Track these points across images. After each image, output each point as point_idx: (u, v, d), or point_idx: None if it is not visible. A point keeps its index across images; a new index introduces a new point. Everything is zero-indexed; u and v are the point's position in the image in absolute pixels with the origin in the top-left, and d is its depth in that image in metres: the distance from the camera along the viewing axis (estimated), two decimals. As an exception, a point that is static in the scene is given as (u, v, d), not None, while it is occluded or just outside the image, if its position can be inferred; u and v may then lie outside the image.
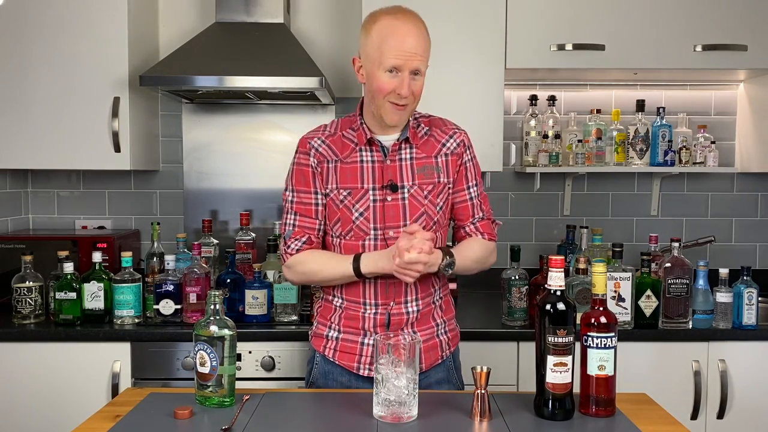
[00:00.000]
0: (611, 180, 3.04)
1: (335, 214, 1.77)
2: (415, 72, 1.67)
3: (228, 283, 2.44)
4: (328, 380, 1.82)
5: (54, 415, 2.32)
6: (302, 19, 2.97)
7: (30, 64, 2.58)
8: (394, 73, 1.66)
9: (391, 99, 1.68)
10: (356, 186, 1.75)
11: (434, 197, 1.78)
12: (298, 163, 1.80)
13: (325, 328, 1.84)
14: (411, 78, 1.67)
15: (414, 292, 1.79)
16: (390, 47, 1.64)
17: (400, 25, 1.66)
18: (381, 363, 1.47)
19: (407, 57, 1.64)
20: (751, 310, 2.38)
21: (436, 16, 2.60)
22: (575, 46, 2.60)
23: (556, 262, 1.49)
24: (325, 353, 1.82)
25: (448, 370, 1.87)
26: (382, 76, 1.66)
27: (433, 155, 1.79)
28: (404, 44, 1.64)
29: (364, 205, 1.75)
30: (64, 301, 2.37)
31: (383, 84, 1.66)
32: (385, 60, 1.65)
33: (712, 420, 2.40)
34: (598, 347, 1.51)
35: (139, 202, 3.01)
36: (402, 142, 1.77)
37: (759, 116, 2.87)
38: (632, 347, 2.37)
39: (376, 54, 1.66)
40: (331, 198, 1.77)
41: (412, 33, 1.66)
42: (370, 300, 1.78)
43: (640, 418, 1.52)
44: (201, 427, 1.46)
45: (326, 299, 1.86)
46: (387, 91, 1.67)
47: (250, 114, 2.98)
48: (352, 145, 1.78)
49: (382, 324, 1.78)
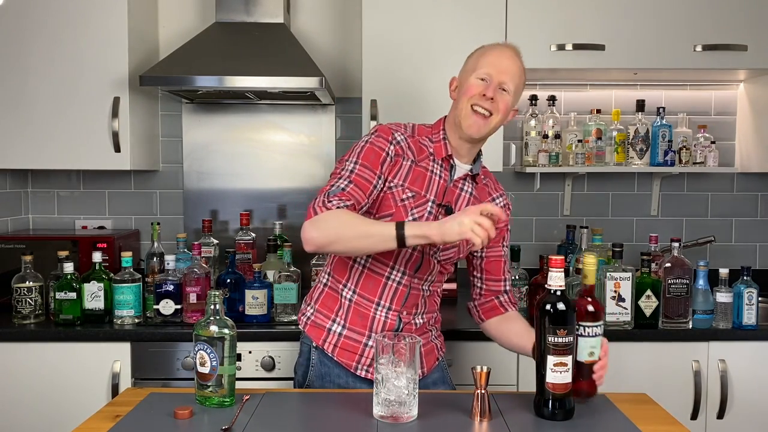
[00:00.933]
0: (611, 180, 3.04)
1: (389, 209, 1.73)
2: (502, 87, 1.73)
3: (228, 283, 2.44)
4: (325, 382, 1.81)
5: (54, 415, 2.32)
6: (302, 19, 2.97)
7: (30, 64, 2.58)
8: (484, 81, 1.73)
9: (474, 102, 1.72)
10: (421, 192, 1.75)
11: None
12: (373, 143, 1.73)
13: (327, 320, 1.81)
14: (498, 90, 1.72)
15: (424, 306, 1.83)
16: (486, 59, 1.75)
17: (501, 48, 1.78)
18: (381, 363, 1.47)
19: (500, 70, 1.73)
20: (751, 310, 2.38)
21: (437, 16, 2.60)
22: (575, 46, 2.60)
23: (556, 262, 1.49)
24: (324, 347, 1.80)
25: (442, 371, 1.90)
26: (473, 81, 1.73)
27: (484, 202, 1.83)
28: (500, 60, 1.74)
29: (421, 212, 1.74)
30: (64, 301, 2.37)
31: (472, 86, 1.73)
32: (479, 68, 1.74)
33: (712, 420, 2.40)
34: (589, 336, 1.53)
35: (139, 202, 3.01)
36: (469, 175, 1.81)
37: (759, 116, 2.87)
38: (632, 347, 2.37)
39: (473, 65, 1.76)
40: (392, 192, 1.73)
41: (509, 56, 1.76)
42: (385, 302, 1.77)
43: (640, 418, 1.52)
44: (201, 427, 1.46)
45: (332, 287, 1.82)
46: (473, 93, 1.72)
47: (250, 114, 2.98)
48: (427, 152, 1.78)
49: (390, 328, 1.78)
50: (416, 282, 1.79)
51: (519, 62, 1.78)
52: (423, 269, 1.78)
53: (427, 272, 1.80)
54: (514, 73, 1.74)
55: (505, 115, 1.76)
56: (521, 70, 1.78)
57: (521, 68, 1.78)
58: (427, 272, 1.80)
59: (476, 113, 1.72)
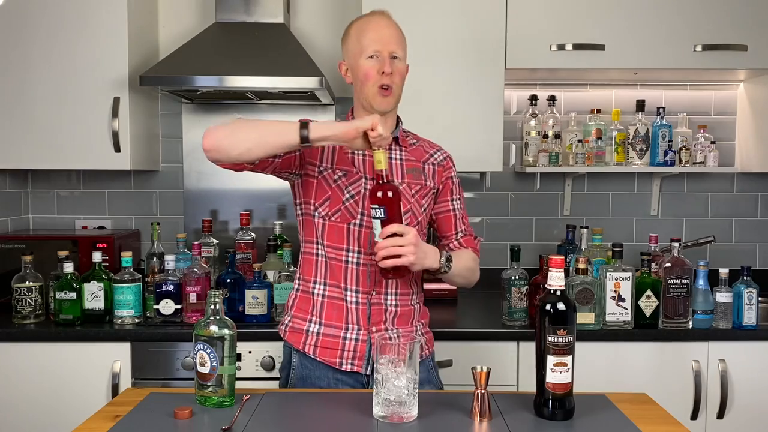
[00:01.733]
0: (611, 180, 3.04)
1: (325, 192, 1.78)
2: (394, 56, 1.77)
3: (228, 283, 2.44)
4: (306, 385, 1.81)
5: (54, 415, 2.32)
6: (302, 19, 2.98)
7: (30, 64, 2.58)
8: (374, 58, 1.76)
9: (379, 82, 1.76)
10: (351, 170, 1.80)
11: (420, 198, 1.84)
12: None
13: (304, 322, 1.82)
14: (391, 61, 1.76)
15: (394, 285, 1.81)
16: (368, 37, 1.77)
17: (374, 20, 1.81)
18: (381, 363, 1.47)
19: (384, 42, 1.76)
20: (751, 310, 2.38)
21: (436, 16, 2.60)
22: (575, 46, 2.60)
23: (556, 262, 1.49)
24: (304, 350, 1.80)
25: (428, 371, 1.89)
26: (365, 63, 1.77)
27: (421, 161, 1.87)
28: (380, 32, 1.77)
29: (357, 189, 1.78)
30: (64, 301, 2.37)
31: (367, 69, 1.76)
32: (364, 48, 1.77)
33: (712, 420, 2.40)
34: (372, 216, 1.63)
35: (139, 202, 3.01)
36: (392, 142, 1.83)
37: (759, 116, 2.87)
38: (632, 347, 2.37)
39: (357, 47, 1.79)
40: (324, 176, 1.79)
41: (385, 24, 1.80)
42: (352, 285, 1.78)
43: (640, 418, 1.52)
44: (201, 427, 1.46)
45: (303, 290, 1.84)
46: (372, 75, 1.76)
47: (250, 114, 2.98)
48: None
49: (364, 315, 1.78)
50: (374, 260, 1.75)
51: (396, 25, 1.82)
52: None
53: None
54: (398, 38, 1.79)
55: (403, 79, 1.81)
56: (400, 30, 1.82)
57: (399, 28, 1.82)
58: None
59: (382, 91, 1.77)
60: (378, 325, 1.79)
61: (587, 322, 2.34)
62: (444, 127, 2.54)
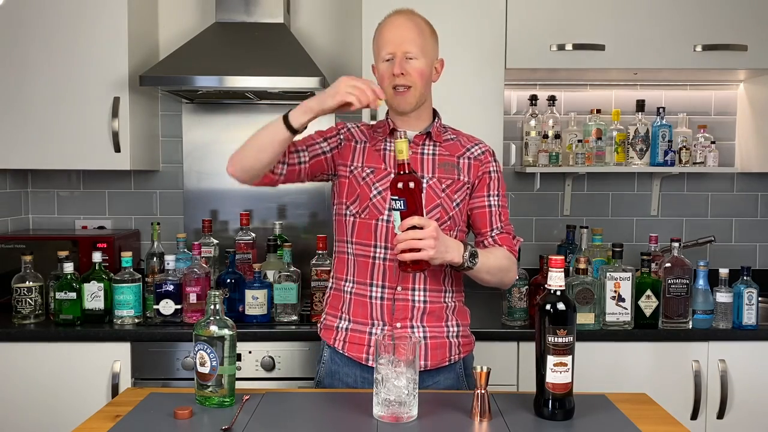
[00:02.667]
0: (611, 180, 3.04)
1: (355, 191, 1.80)
2: (408, 56, 1.75)
3: (228, 283, 2.44)
4: (334, 380, 1.83)
5: (54, 415, 2.32)
6: (302, 19, 2.97)
7: (30, 64, 2.58)
8: (390, 61, 1.77)
9: (391, 83, 1.76)
10: (380, 167, 1.80)
11: (452, 192, 1.80)
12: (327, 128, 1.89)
13: (335, 319, 1.84)
14: (404, 60, 1.75)
15: (422, 281, 1.78)
16: (383, 39, 1.79)
17: (392, 20, 1.80)
18: (381, 363, 1.47)
19: (396, 43, 1.75)
20: (751, 310, 2.38)
21: (436, 16, 2.59)
22: (575, 46, 2.60)
23: (556, 262, 1.49)
24: (335, 345, 1.82)
25: (458, 378, 1.84)
26: (381, 66, 1.79)
27: (456, 155, 1.84)
28: (393, 33, 1.77)
29: (384, 185, 1.78)
30: (64, 301, 2.37)
31: (382, 72, 1.79)
32: (381, 51, 1.79)
33: (712, 420, 2.40)
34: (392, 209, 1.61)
35: (139, 202, 3.01)
36: (425, 137, 1.83)
37: (759, 116, 2.87)
38: (632, 347, 2.37)
39: (376, 50, 1.82)
40: (354, 175, 1.81)
41: (401, 23, 1.78)
42: (377, 281, 1.77)
43: (640, 418, 1.52)
44: (201, 427, 1.46)
45: (336, 288, 1.85)
46: (386, 77, 1.77)
47: (250, 114, 2.98)
48: (378, 136, 1.86)
49: (388, 310, 1.77)
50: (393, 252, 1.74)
51: (415, 22, 1.78)
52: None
53: None
54: (412, 37, 1.76)
55: (423, 77, 1.77)
56: (419, 27, 1.78)
57: (419, 25, 1.78)
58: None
59: (397, 92, 1.77)
60: (403, 321, 1.77)
61: (587, 322, 2.34)
62: (444, 127, 2.54)
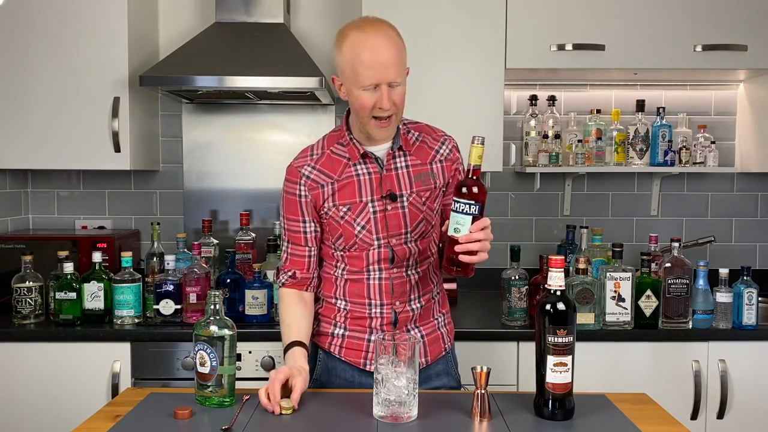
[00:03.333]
0: (611, 180, 3.04)
1: (336, 231, 1.75)
2: (393, 84, 1.63)
3: (228, 283, 2.44)
4: (332, 376, 1.83)
5: (54, 415, 2.32)
6: (302, 19, 2.97)
7: (30, 64, 2.58)
8: (372, 89, 1.62)
9: (375, 114, 1.65)
10: (355, 200, 1.74)
11: (431, 203, 1.79)
12: (286, 192, 1.79)
13: (329, 326, 1.83)
14: (390, 90, 1.62)
15: (417, 290, 1.80)
16: (363, 63, 1.60)
17: (368, 39, 1.61)
18: (381, 363, 1.47)
19: (381, 71, 1.60)
20: (751, 310, 2.38)
21: (437, 16, 2.60)
22: (575, 46, 2.60)
23: (556, 262, 1.49)
24: (330, 350, 1.82)
25: (447, 363, 1.89)
26: (361, 95, 1.63)
27: (427, 162, 1.79)
28: (376, 58, 1.60)
29: (365, 218, 1.73)
30: (64, 301, 2.37)
31: (364, 101, 1.63)
32: (360, 78, 1.61)
33: (712, 420, 2.40)
34: (456, 211, 1.54)
35: (139, 202, 3.01)
36: (396, 150, 1.76)
37: (759, 116, 2.87)
38: (632, 347, 2.37)
39: (351, 73, 1.63)
40: (330, 216, 1.75)
41: (381, 44, 1.61)
42: (375, 300, 1.78)
43: (640, 418, 1.52)
44: (201, 427, 1.46)
45: (327, 301, 1.84)
46: (369, 108, 1.64)
47: (250, 114, 2.98)
48: (344, 160, 1.75)
49: (389, 322, 1.78)
50: (396, 272, 1.77)
51: (393, 40, 1.63)
52: (398, 260, 1.77)
53: (404, 260, 1.77)
54: (396, 61, 1.62)
55: (404, 100, 1.68)
56: (399, 46, 1.64)
57: (398, 44, 1.64)
58: (404, 260, 1.77)
59: (379, 121, 1.66)
60: (402, 327, 1.79)
61: (587, 322, 2.34)
62: (444, 127, 2.52)
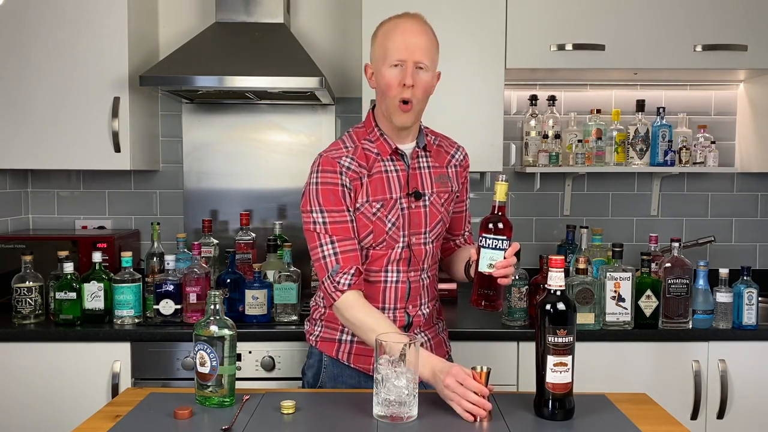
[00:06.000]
0: (611, 180, 3.04)
1: (367, 227, 1.74)
2: (419, 66, 1.68)
3: (228, 283, 2.44)
4: (338, 383, 1.82)
5: (54, 415, 2.32)
6: (302, 19, 2.97)
7: (30, 64, 2.58)
8: (399, 67, 1.67)
9: (398, 95, 1.68)
10: (386, 197, 1.75)
11: (448, 204, 1.85)
12: (326, 183, 1.72)
13: (336, 332, 1.82)
14: (415, 71, 1.67)
15: (427, 294, 1.84)
16: (393, 42, 1.68)
17: (403, 23, 1.70)
18: (381, 363, 1.47)
19: (410, 50, 1.66)
20: (751, 310, 2.38)
21: (437, 16, 2.58)
22: (575, 46, 2.60)
23: (556, 262, 1.50)
24: (338, 357, 1.81)
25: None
26: (388, 72, 1.68)
27: (445, 165, 1.85)
28: (406, 39, 1.67)
29: (396, 215, 1.75)
30: (64, 301, 2.37)
31: (389, 79, 1.68)
32: (389, 55, 1.68)
33: (712, 420, 2.40)
34: (488, 247, 1.58)
35: (139, 202, 3.01)
36: (419, 150, 1.81)
37: (759, 116, 2.87)
38: (632, 347, 2.37)
39: (382, 52, 1.70)
40: (362, 212, 1.73)
41: (414, 29, 1.69)
42: (390, 304, 1.79)
43: (640, 418, 1.52)
44: (201, 427, 1.46)
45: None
46: (393, 86, 1.68)
47: (250, 114, 2.98)
48: (373, 155, 1.76)
49: (401, 326, 1.79)
50: (413, 275, 1.80)
51: (426, 30, 1.71)
52: (414, 261, 1.79)
53: (420, 261, 1.80)
54: (426, 47, 1.69)
55: (427, 91, 1.72)
56: (431, 38, 1.71)
57: (431, 36, 1.72)
58: (420, 261, 1.80)
59: (403, 106, 1.69)
60: (412, 332, 1.82)
61: (587, 322, 2.34)
62: (444, 127, 2.51)
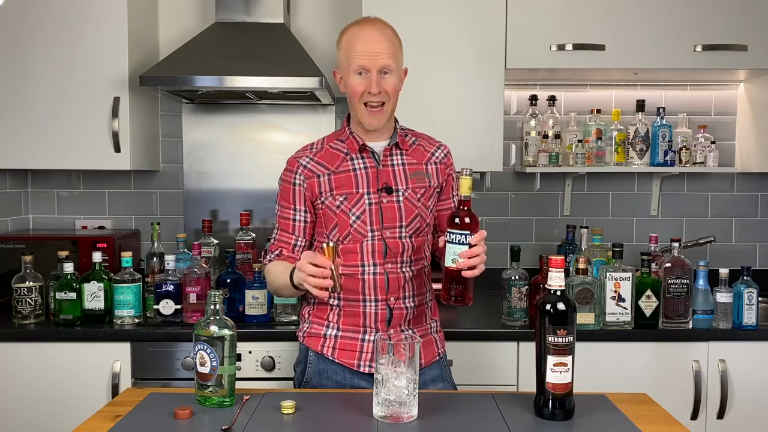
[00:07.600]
0: (611, 180, 3.04)
1: (332, 220, 1.79)
2: (384, 71, 1.73)
3: (228, 283, 2.44)
4: (323, 379, 1.83)
5: (54, 415, 2.32)
6: (302, 19, 2.97)
7: (30, 64, 2.58)
8: (363, 74, 1.73)
9: (365, 100, 1.75)
10: (351, 191, 1.79)
11: (426, 200, 1.84)
12: (283, 180, 1.87)
13: (321, 327, 1.84)
14: (380, 77, 1.73)
15: (411, 287, 1.83)
16: (356, 51, 1.73)
17: (362, 31, 1.75)
18: (381, 363, 1.47)
19: (372, 56, 1.72)
20: (751, 310, 2.38)
21: (436, 16, 2.60)
22: (575, 46, 2.60)
23: (556, 262, 1.50)
24: (323, 352, 1.82)
25: (441, 368, 1.90)
26: (353, 79, 1.74)
27: (423, 162, 1.86)
28: (368, 45, 1.72)
29: (360, 208, 1.78)
30: (64, 301, 2.37)
31: (355, 86, 1.74)
32: (352, 63, 1.73)
33: (712, 420, 2.40)
34: (453, 242, 1.58)
35: (139, 202, 3.01)
36: (392, 148, 1.83)
37: (759, 116, 2.87)
38: (632, 347, 2.37)
39: (346, 60, 1.76)
40: (326, 205, 1.80)
41: (375, 37, 1.73)
42: (370, 295, 1.79)
43: (640, 418, 1.52)
44: (201, 427, 1.46)
45: (319, 302, 1.85)
46: (359, 93, 1.74)
47: (250, 114, 2.98)
48: (342, 155, 1.83)
49: (383, 319, 1.79)
50: (390, 267, 1.79)
51: (387, 34, 1.75)
52: (391, 254, 1.79)
53: (398, 255, 1.80)
54: (389, 52, 1.73)
55: (396, 91, 1.78)
56: (392, 40, 1.76)
57: (392, 38, 1.76)
58: (398, 255, 1.80)
59: (371, 109, 1.75)
60: (396, 327, 1.81)
61: (587, 322, 2.34)
62: (444, 127, 2.54)
